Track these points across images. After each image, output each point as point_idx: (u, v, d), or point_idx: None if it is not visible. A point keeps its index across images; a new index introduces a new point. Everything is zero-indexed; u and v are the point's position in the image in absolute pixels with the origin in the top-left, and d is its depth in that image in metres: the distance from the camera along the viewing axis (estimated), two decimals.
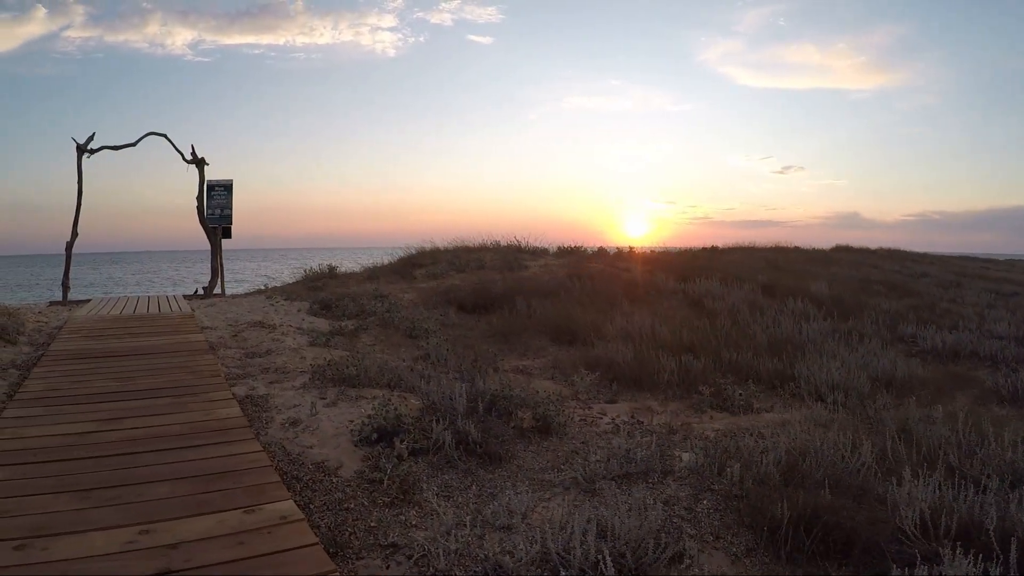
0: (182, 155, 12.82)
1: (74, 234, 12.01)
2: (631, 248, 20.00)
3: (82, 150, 11.94)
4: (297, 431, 5.09)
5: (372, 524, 3.83)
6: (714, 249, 20.76)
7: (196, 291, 13.35)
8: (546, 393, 6.26)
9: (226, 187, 13.05)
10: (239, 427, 4.71)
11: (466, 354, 7.89)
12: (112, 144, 12.45)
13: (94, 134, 12.06)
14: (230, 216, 13.04)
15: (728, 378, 7.05)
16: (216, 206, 12.95)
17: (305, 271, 13.92)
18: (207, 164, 12.89)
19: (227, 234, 13.12)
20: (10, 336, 7.45)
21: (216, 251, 12.88)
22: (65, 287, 11.91)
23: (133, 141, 12.55)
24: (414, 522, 3.92)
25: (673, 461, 4.81)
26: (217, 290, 12.88)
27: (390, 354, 7.90)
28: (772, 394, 6.99)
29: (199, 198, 12.82)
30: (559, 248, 18.33)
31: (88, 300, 12.19)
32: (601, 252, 18.59)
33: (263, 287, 13.75)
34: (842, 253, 21.48)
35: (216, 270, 12.80)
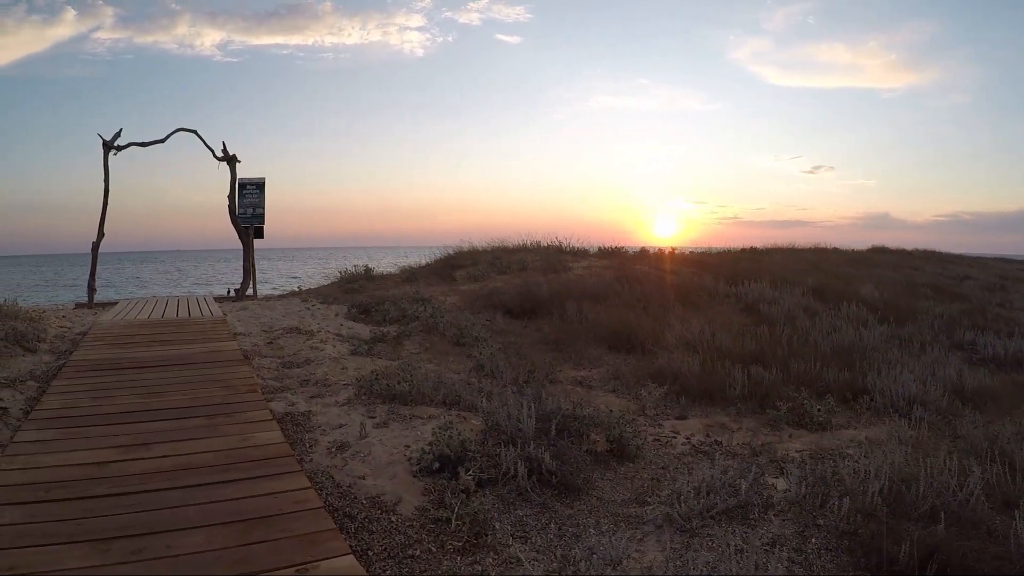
0: (212, 152, 12.28)
1: (100, 234, 11.50)
2: (672, 249, 19.28)
3: (108, 147, 11.42)
4: (346, 457, 4.45)
5: None
6: (754, 250, 20.03)
7: (228, 292, 12.84)
8: (614, 410, 5.67)
9: (258, 185, 12.48)
10: (282, 456, 4.06)
11: (521, 365, 7.24)
12: (140, 140, 11.94)
13: (121, 130, 11.55)
14: (262, 215, 12.45)
15: (801, 391, 6.42)
16: (248, 205, 12.37)
17: (340, 273, 13.30)
18: (239, 161, 12.34)
19: (259, 234, 12.54)
20: (30, 344, 6.88)
21: (248, 252, 12.32)
22: (91, 289, 11.40)
23: (162, 137, 12.03)
24: (493, 573, 3.26)
25: (768, 490, 4.25)
26: (249, 291, 12.33)
27: (438, 363, 7.25)
28: (845, 408, 6.39)
29: (231, 196, 12.25)
30: (600, 249, 17.67)
31: (115, 303, 11.67)
32: (643, 253, 17.94)
33: (297, 288, 13.22)
34: (880, 254, 20.74)
35: (248, 271, 12.24)
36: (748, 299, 11.38)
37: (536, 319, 9.90)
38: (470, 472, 4.16)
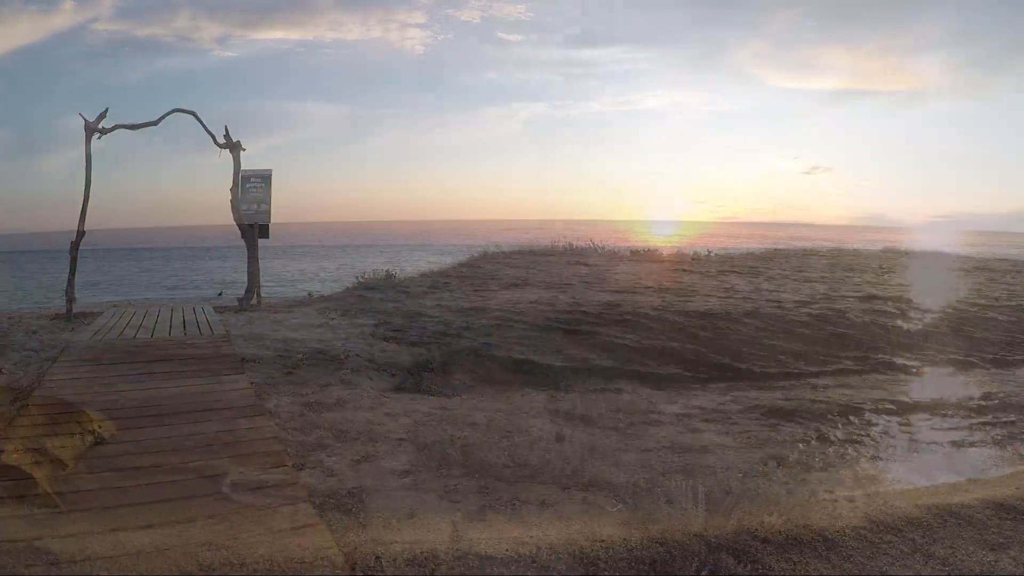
0: (213, 137, 10.52)
1: (80, 232, 9.71)
2: (708, 252, 17.96)
3: (92, 130, 9.65)
4: None
5: None
6: (778, 252, 19.01)
7: (220, 293, 11.15)
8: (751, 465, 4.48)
9: (264, 178, 10.70)
10: None
11: (611, 400, 5.73)
12: (129, 123, 10.18)
13: (107, 110, 9.73)
14: (268, 212, 10.65)
15: None
16: (252, 200, 10.61)
17: (357, 278, 11.56)
18: (243, 149, 10.59)
19: (264, 233, 10.75)
20: None
21: (252, 254, 10.59)
22: (70, 298, 9.63)
23: (155, 119, 10.26)
24: None
25: None
26: (253, 300, 10.65)
27: (508, 402, 5.68)
28: None
29: (233, 189, 10.50)
30: (631, 251, 16.48)
31: (99, 313, 9.91)
32: (679, 255, 16.84)
33: (308, 295, 11.55)
34: (902, 257, 19.55)
35: (253, 276, 10.51)
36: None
37: (596, 336, 8.38)
38: None
